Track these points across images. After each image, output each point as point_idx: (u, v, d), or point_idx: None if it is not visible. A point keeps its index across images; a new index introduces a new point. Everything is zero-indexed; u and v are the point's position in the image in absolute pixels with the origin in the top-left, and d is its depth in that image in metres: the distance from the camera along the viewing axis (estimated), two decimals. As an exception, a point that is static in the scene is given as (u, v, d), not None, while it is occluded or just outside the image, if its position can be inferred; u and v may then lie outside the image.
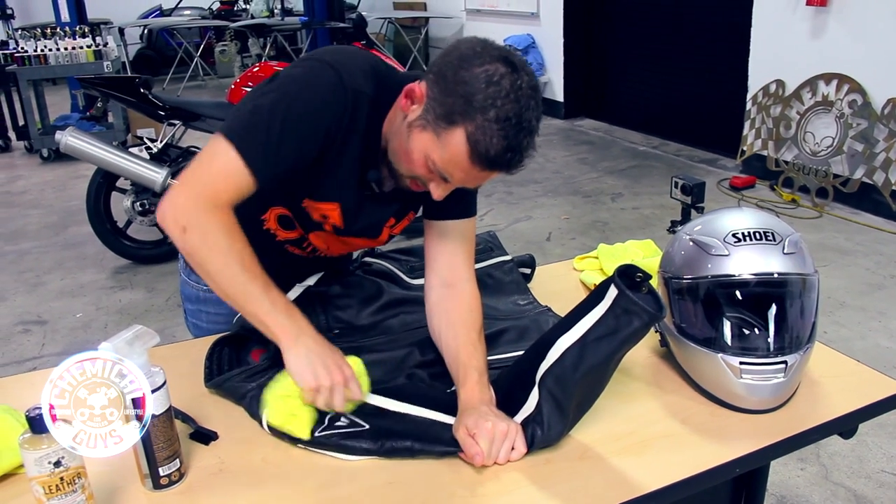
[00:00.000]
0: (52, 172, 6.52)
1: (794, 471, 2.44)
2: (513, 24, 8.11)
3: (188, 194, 1.21)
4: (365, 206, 1.40)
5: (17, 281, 4.26)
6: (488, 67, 1.13)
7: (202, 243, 1.20)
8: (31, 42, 6.55)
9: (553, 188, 5.50)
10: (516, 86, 1.13)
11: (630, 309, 1.13)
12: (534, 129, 1.16)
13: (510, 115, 1.12)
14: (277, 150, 1.21)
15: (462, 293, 1.39)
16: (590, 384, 1.19)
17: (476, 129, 1.12)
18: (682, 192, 1.71)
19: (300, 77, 1.26)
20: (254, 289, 1.20)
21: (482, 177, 1.20)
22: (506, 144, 1.13)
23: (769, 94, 5.17)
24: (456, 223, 1.42)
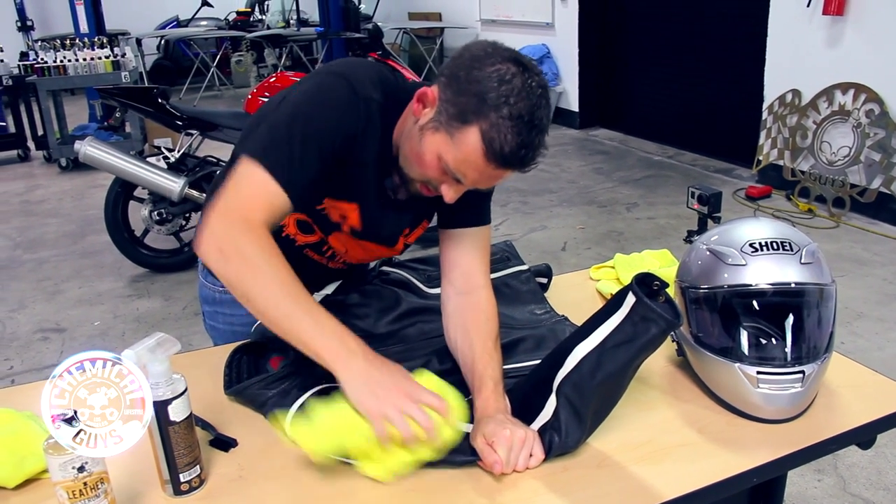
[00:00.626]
0: (71, 182, 6.58)
1: (812, 482, 2.42)
2: (528, 34, 8.12)
3: (223, 220, 1.18)
4: (383, 212, 1.41)
5: (35, 289, 4.30)
6: (500, 67, 1.15)
7: (243, 267, 1.16)
8: (50, 53, 6.63)
9: (568, 198, 5.50)
10: (527, 84, 1.15)
11: (648, 316, 1.14)
12: (545, 128, 1.18)
13: (523, 112, 1.14)
14: (302, 164, 1.21)
15: (478, 301, 1.40)
16: (607, 391, 1.20)
17: (490, 126, 1.14)
18: (699, 202, 1.71)
19: (312, 91, 1.28)
20: (297, 311, 1.15)
21: (496, 176, 1.21)
22: (519, 141, 1.15)
23: (785, 104, 5.16)
24: (470, 231, 1.43)
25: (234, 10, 11.55)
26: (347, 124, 1.26)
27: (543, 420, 1.19)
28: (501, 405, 1.23)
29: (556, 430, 1.16)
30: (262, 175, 1.19)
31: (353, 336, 1.16)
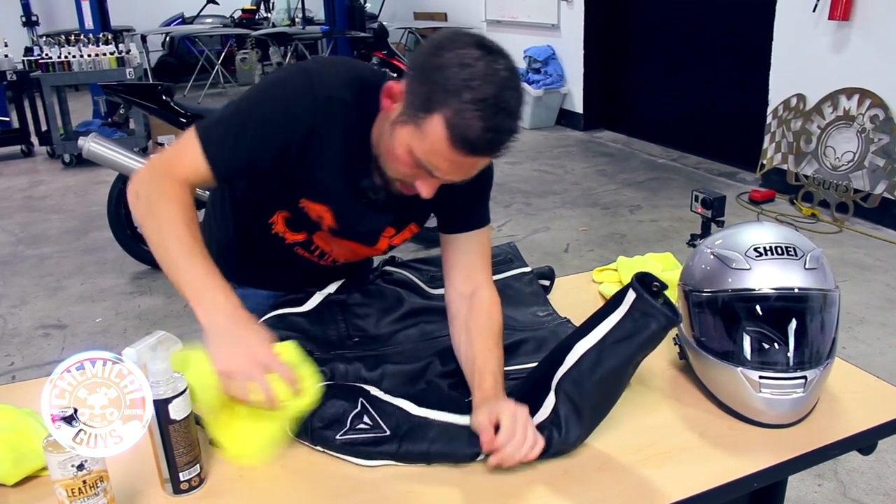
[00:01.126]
0: (74, 178, 6.58)
1: (812, 486, 2.42)
2: (533, 35, 8.12)
3: (148, 167, 1.29)
4: (360, 213, 1.40)
5: (37, 285, 4.30)
6: (461, 52, 1.13)
7: (147, 210, 1.24)
8: (55, 48, 6.64)
9: (571, 200, 5.49)
10: (492, 68, 1.12)
11: (648, 311, 1.15)
12: (513, 111, 1.14)
13: (487, 96, 1.11)
14: (234, 145, 1.27)
15: (479, 301, 1.39)
16: (607, 388, 1.19)
17: (453, 113, 1.12)
18: (703, 206, 1.71)
19: (274, 80, 1.33)
20: (181, 257, 1.19)
21: (467, 164, 1.19)
22: (485, 125, 1.12)
23: (790, 108, 5.15)
24: (469, 235, 1.43)
25: (240, 7, 11.57)
26: (294, 119, 1.27)
27: (542, 417, 1.19)
28: (501, 395, 1.23)
29: (556, 427, 1.16)
30: (195, 146, 1.27)
31: (228, 293, 1.19)
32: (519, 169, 6.36)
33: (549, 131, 7.79)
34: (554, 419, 1.17)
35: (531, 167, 6.42)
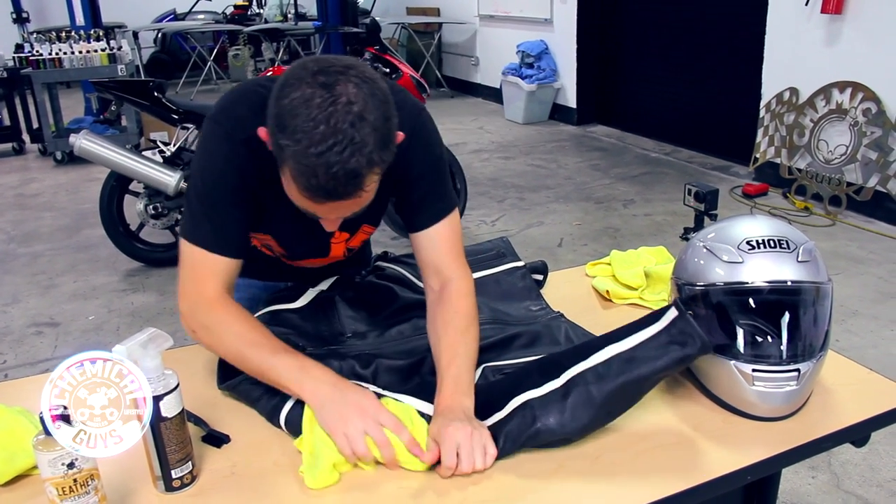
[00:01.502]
0: (66, 175, 6.56)
1: (806, 479, 2.42)
2: (526, 30, 8.12)
3: (186, 303, 1.30)
4: (301, 232, 1.39)
5: (30, 283, 4.29)
6: (295, 93, 1.06)
7: (211, 339, 1.29)
8: (45, 45, 6.61)
9: (565, 194, 5.49)
10: (329, 103, 1.04)
11: (686, 331, 1.17)
12: (360, 145, 1.05)
13: (325, 137, 1.04)
14: (224, 226, 1.29)
15: (448, 295, 1.36)
16: (626, 394, 1.19)
17: (295, 162, 1.06)
18: (696, 199, 1.71)
19: (201, 151, 1.31)
20: (265, 360, 1.22)
21: (336, 206, 1.14)
22: (326, 171, 1.05)
23: (783, 102, 5.16)
24: (431, 230, 1.39)
25: (232, 3, 11.52)
26: (237, 169, 1.27)
27: (533, 396, 1.18)
28: (458, 402, 1.20)
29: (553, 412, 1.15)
30: (199, 253, 1.28)
31: (317, 365, 1.22)
32: (512, 164, 6.36)
33: (542, 126, 7.79)
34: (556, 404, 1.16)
35: (524, 162, 6.42)
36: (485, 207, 5.24)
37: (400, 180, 1.34)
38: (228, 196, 1.29)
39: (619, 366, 1.17)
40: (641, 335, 1.20)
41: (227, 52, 11.00)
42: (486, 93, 9.27)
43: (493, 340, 1.42)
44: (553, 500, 1.09)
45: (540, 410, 1.16)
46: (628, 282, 1.69)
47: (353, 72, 1.08)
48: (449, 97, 9.65)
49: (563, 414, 1.15)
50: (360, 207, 1.18)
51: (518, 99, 7.86)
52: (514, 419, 1.17)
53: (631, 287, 1.69)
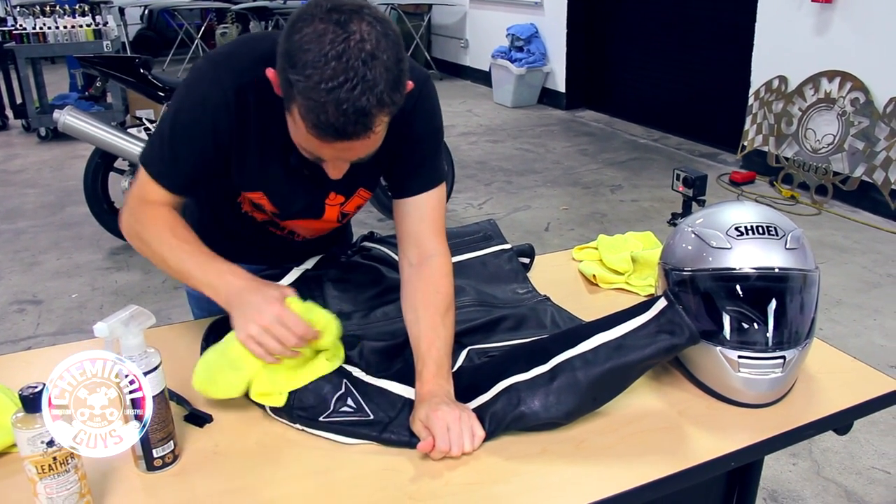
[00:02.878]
0: (50, 152, 6.49)
1: (787, 466, 2.44)
2: (516, 13, 8.08)
3: (126, 205, 1.35)
4: (294, 189, 1.37)
5: (12, 260, 4.25)
6: (308, 29, 1.03)
7: (143, 246, 1.32)
8: (30, 19, 6.52)
9: (552, 179, 5.49)
10: (342, 39, 1.02)
11: (674, 321, 1.18)
12: (372, 83, 1.03)
13: (336, 73, 1.01)
14: (173, 160, 1.30)
15: (429, 271, 1.34)
16: (613, 381, 1.19)
17: (305, 99, 1.04)
18: (684, 185, 1.70)
19: (185, 85, 1.30)
20: (183, 264, 1.27)
21: (343, 147, 1.11)
22: (336, 109, 1.03)
23: (771, 90, 5.16)
24: (417, 199, 1.37)
25: (220, -19, 11.40)
26: (213, 114, 1.25)
27: (519, 380, 1.18)
28: (440, 387, 1.19)
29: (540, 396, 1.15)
30: (146, 176, 1.31)
31: (233, 271, 1.25)
32: (500, 147, 6.35)
33: (530, 110, 7.78)
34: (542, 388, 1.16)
35: (512, 146, 6.40)
36: (472, 190, 5.23)
37: (399, 141, 1.31)
38: (193, 136, 1.28)
39: (607, 353, 1.17)
40: (630, 324, 1.20)
41: (215, 29, 10.89)
42: (475, 76, 9.24)
43: (479, 323, 1.42)
44: (537, 482, 1.08)
45: (525, 393, 1.16)
46: (615, 266, 1.69)
47: (367, 10, 1.06)
48: (438, 79, 9.59)
49: (548, 398, 1.15)
50: (367, 153, 1.15)
51: (507, 82, 7.83)
52: (500, 401, 1.17)
53: (617, 272, 1.68)
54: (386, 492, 1.06)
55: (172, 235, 1.29)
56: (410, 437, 1.14)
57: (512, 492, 1.07)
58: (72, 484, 0.96)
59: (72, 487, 0.96)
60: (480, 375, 1.24)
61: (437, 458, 1.11)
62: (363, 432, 1.16)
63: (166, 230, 1.29)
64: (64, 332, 3.36)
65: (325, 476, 1.09)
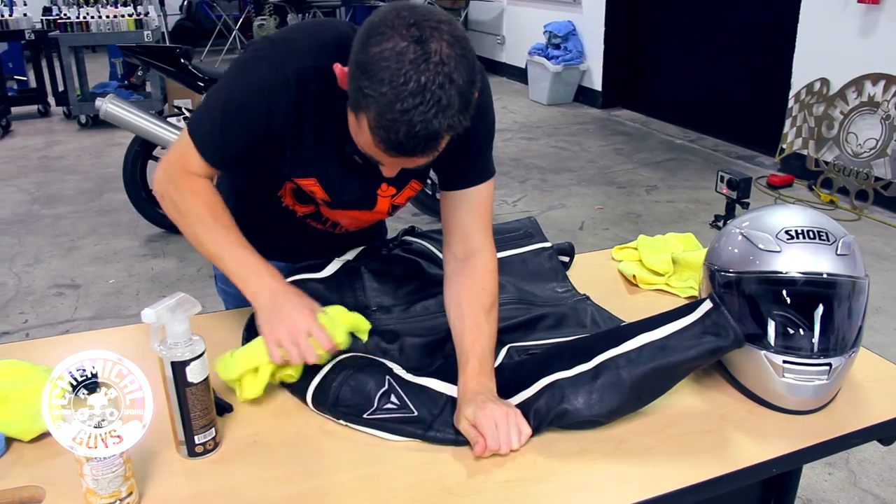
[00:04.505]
0: (90, 139, 6.58)
1: (822, 475, 2.41)
2: (554, 10, 8.03)
3: (163, 167, 1.35)
4: (348, 179, 1.36)
5: (52, 245, 4.31)
6: (386, 44, 1.02)
7: (175, 214, 1.33)
8: (73, 9, 6.61)
9: (588, 177, 5.46)
10: (421, 59, 1.01)
11: (719, 323, 1.18)
12: (446, 105, 1.02)
13: (411, 94, 1.01)
14: (222, 136, 1.29)
15: (474, 267, 1.34)
16: (657, 381, 1.18)
17: (377, 115, 1.03)
18: (728, 187, 1.68)
19: (243, 62, 1.30)
20: (219, 249, 1.30)
21: (404, 161, 1.12)
22: (408, 130, 1.03)
23: (813, 93, 5.08)
24: (467, 192, 1.36)
25: (259, -27, 11.47)
26: (269, 98, 1.24)
27: (562, 376, 1.17)
28: (483, 385, 1.19)
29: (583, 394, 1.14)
30: (191, 146, 1.30)
31: (269, 271, 1.28)
32: (535, 145, 6.32)
33: (566, 108, 7.74)
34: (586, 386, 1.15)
35: (548, 143, 6.38)
36: (506, 187, 5.22)
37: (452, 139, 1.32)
38: (246, 116, 1.27)
39: (651, 352, 1.17)
40: (674, 325, 1.20)
41: (253, 21, 10.96)
42: (511, 72, 9.21)
43: (519, 321, 1.41)
44: (576, 482, 1.08)
45: (569, 391, 1.15)
46: (655, 267, 1.67)
47: (447, 28, 1.05)
48: (473, 75, 9.57)
49: (592, 395, 1.14)
50: (425, 163, 1.16)
51: (543, 80, 7.80)
52: (543, 397, 1.16)
53: (658, 273, 1.67)
54: (425, 486, 1.06)
55: (211, 216, 1.31)
56: (456, 436, 1.14)
57: (551, 490, 1.06)
58: (117, 467, 0.97)
59: (116, 470, 0.97)
60: (523, 371, 1.24)
61: (486, 456, 1.11)
62: (409, 430, 1.16)
63: (206, 209, 1.31)
64: (101, 317, 3.41)
65: (363, 468, 1.09)
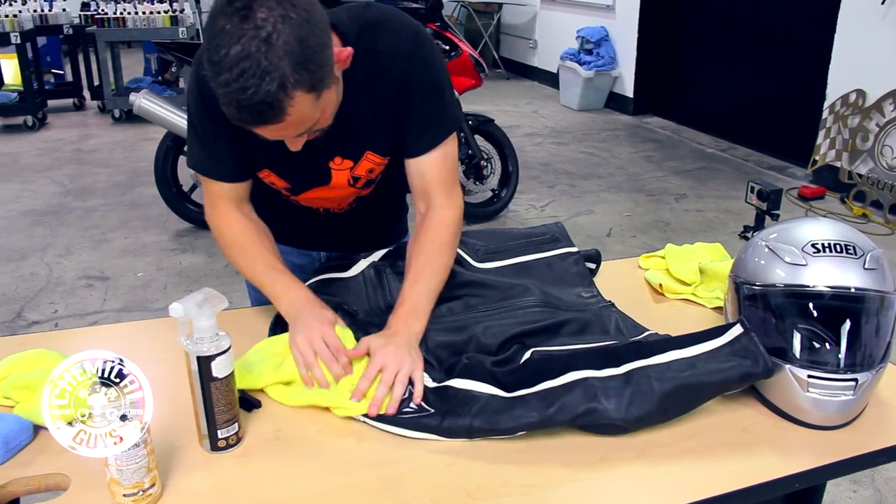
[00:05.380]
0: (123, 133, 6.66)
1: (847, 492, 2.38)
2: (587, 15, 8.01)
3: (206, 210, 1.48)
4: (293, 160, 1.36)
5: (83, 237, 4.37)
6: (214, 28, 1.05)
7: (223, 247, 1.45)
8: (111, 4, 6.71)
9: (616, 184, 5.43)
10: (235, 30, 1.02)
11: (749, 349, 1.18)
12: (273, 66, 1.03)
13: (229, 68, 1.02)
14: (209, 153, 1.39)
15: (430, 222, 1.41)
16: (683, 398, 1.18)
17: (217, 94, 1.07)
18: (759, 198, 1.67)
19: (190, 85, 1.37)
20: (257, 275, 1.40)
21: (276, 129, 1.13)
22: (238, 103, 1.05)
23: (848, 104, 5.02)
24: (424, 158, 1.41)
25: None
26: (208, 107, 1.29)
27: (592, 375, 1.17)
28: (409, 328, 1.28)
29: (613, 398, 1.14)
30: (203, 176, 1.42)
31: (300, 288, 1.37)
32: (565, 150, 6.31)
33: (597, 114, 7.71)
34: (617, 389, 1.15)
35: (577, 149, 6.36)
36: (535, 192, 5.21)
37: (398, 105, 1.35)
38: (206, 129, 1.36)
39: (681, 369, 1.17)
40: (704, 346, 1.20)
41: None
42: (543, 77, 9.19)
43: (543, 325, 1.41)
44: (596, 489, 1.07)
45: (601, 391, 1.15)
46: (682, 277, 1.66)
47: None
48: (505, 79, 9.58)
49: (622, 399, 1.14)
50: (306, 127, 1.16)
51: (575, 85, 7.78)
52: (575, 392, 1.15)
53: (685, 282, 1.66)
54: (445, 488, 1.06)
55: (244, 244, 1.42)
56: (472, 420, 1.15)
57: (570, 496, 1.06)
58: (141, 458, 0.98)
59: (141, 461, 0.98)
60: (551, 363, 1.24)
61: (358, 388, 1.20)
62: (424, 423, 1.17)
63: (237, 239, 1.42)
64: (128, 310, 3.45)
65: (385, 468, 1.10)
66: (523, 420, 1.14)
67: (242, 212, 1.45)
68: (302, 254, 1.69)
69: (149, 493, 1.00)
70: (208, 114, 1.32)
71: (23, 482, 1.06)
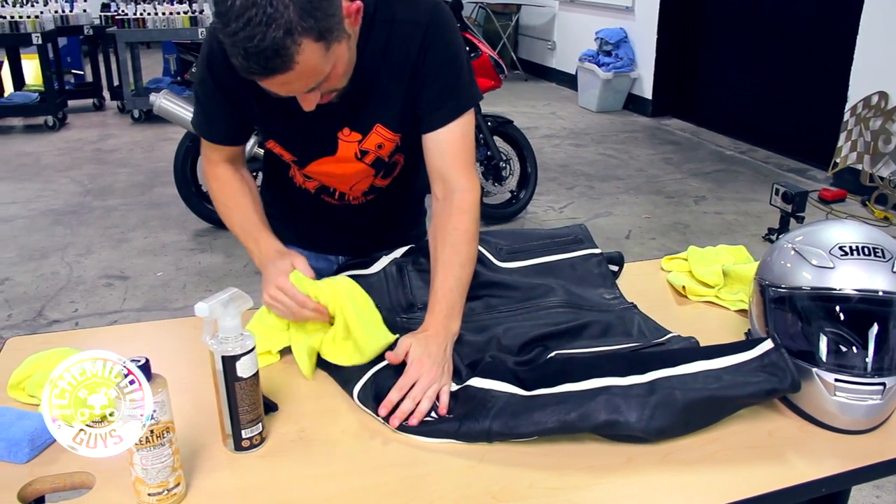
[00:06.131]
0: (142, 133, 6.70)
1: (870, 497, 2.35)
2: (606, 16, 7.99)
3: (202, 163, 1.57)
4: (300, 129, 1.38)
5: (102, 236, 4.40)
6: None
7: (213, 200, 1.53)
8: (131, 5, 6.75)
9: (635, 186, 5.41)
10: None
11: (780, 365, 1.16)
12: (279, 12, 1.03)
13: (240, 17, 1.03)
14: (208, 116, 1.45)
15: (450, 209, 1.37)
16: (707, 410, 1.17)
17: (225, 45, 1.08)
18: (783, 200, 1.66)
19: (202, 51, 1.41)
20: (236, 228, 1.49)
21: (283, 82, 1.12)
22: (249, 50, 1.05)
23: (870, 106, 4.98)
24: (442, 132, 1.38)
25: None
26: (219, 73, 1.34)
27: (615, 383, 1.16)
28: (443, 327, 1.27)
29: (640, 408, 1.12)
30: (202, 138, 1.50)
31: (269, 242, 1.42)
32: (583, 152, 6.29)
33: (615, 115, 7.68)
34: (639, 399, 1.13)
35: (596, 151, 6.34)
36: (553, 193, 5.20)
37: (415, 76, 1.34)
38: (209, 93, 1.41)
39: (706, 381, 1.15)
40: (732, 359, 1.18)
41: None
42: (561, 78, 9.18)
43: (566, 327, 1.40)
44: (621, 493, 1.07)
45: (623, 401, 1.13)
46: (705, 279, 1.65)
47: None
48: (523, 80, 9.57)
49: (644, 410, 1.12)
50: (316, 80, 1.16)
51: (593, 86, 7.75)
52: (597, 400, 1.13)
53: (708, 285, 1.65)
54: (469, 490, 1.06)
55: (230, 198, 1.49)
56: (490, 423, 1.14)
57: (595, 499, 1.05)
58: (166, 457, 0.98)
59: (165, 461, 0.99)
60: (573, 365, 1.23)
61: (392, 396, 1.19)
62: (442, 429, 1.16)
63: (224, 192, 1.50)
64: (148, 309, 3.47)
65: (409, 469, 1.10)
66: (542, 425, 1.13)
67: (234, 168, 1.52)
68: (320, 258, 1.69)
69: (173, 493, 1.01)
70: (212, 80, 1.37)
71: (48, 480, 1.07)
